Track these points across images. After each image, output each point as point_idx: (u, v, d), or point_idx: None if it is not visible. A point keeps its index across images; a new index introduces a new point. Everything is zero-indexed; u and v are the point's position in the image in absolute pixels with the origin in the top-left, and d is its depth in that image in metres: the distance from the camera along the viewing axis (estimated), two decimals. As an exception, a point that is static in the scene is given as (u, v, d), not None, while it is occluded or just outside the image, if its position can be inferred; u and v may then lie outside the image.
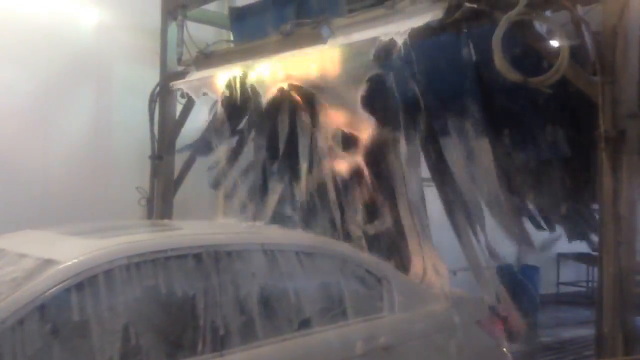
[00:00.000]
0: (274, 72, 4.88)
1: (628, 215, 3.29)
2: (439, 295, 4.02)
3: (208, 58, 5.50)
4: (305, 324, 3.23)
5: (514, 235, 4.48)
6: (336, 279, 3.48)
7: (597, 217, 3.78)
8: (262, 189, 5.38)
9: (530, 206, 5.05)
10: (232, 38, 6.28)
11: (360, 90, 4.38)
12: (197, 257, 3.01)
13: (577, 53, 3.52)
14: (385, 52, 4.18)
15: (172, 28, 6.09)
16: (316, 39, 4.49)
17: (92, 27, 6.69)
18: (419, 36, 4.04)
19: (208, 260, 3.03)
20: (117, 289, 2.75)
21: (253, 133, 5.58)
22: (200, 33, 6.33)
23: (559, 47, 3.48)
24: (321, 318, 3.30)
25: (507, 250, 5.02)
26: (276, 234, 3.82)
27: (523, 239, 4.62)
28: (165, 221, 3.73)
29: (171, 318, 2.88)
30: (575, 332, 8.16)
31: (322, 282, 3.43)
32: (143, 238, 3.28)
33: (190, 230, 3.58)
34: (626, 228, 3.30)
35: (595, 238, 4.49)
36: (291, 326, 3.19)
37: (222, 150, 5.50)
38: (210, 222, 4.06)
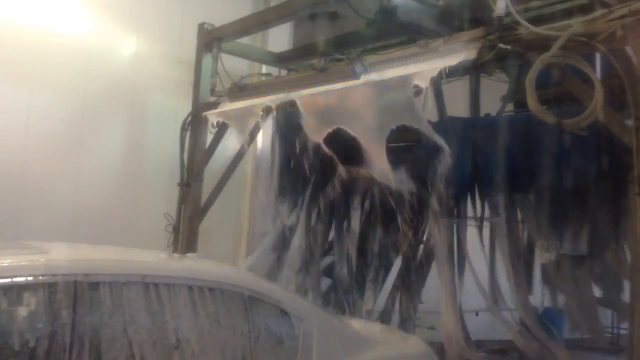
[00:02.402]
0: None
1: (662, 261, 3.25)
2: (379, 344, 3.45)
3: (242, 90, 5.61)
4: None
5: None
6: (239, 319, 2.89)
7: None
8: None
9: None
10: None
11: None
12: (50, 288, 2.45)
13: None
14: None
15: (207, 59, 6.24)
16: (349, 74, 4.56)
17: (129, 56, 6.88)
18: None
19: (64, 292, 2.47)
20: None
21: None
22: (233, 65, 6.47)
23: (592, 90, 3.51)
24: None
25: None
26: (167, 264, 3.16)
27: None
28: (36, 244, 3.05)
29: None
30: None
31: (219, 324, 2.84)
32: None
33: (57, 255, 2.93)
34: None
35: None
36: None
37: None
38: (95, 247, 3.43)
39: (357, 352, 3.22)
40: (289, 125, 5.37)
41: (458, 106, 5.84)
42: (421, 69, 4.17)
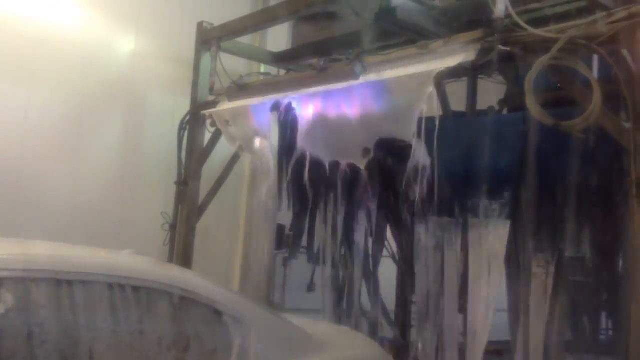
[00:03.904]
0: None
1: (659, 263, 3.27)
2: (329, 346, 3.24)
3: (241, 89, 5.62)
4: None
5: None
6: (167, 321, 2.66)
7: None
8: None
9: None
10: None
11: None
12: None
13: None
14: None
15: (206, 58, 6.24)
16: (349, 75, 4.57)
17: (128, 55, 6.88)
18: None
19: None
20: None
21: None
22: (232, 64, 6.48)
23: (591, 92, 3.52)
24: None
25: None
26: (83, 260, 2.79)
27: None
28: None
29: None
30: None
31: (143, 326, 2.59)
32: None
33: None
34: (656, 275, 3.28)
35: None
36: None
37: None
38: (20, 242, 3.08)
39: (303, 355, 3.02)
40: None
41: (454, 108, 5.86)
42: (420, 70, 4.19)
